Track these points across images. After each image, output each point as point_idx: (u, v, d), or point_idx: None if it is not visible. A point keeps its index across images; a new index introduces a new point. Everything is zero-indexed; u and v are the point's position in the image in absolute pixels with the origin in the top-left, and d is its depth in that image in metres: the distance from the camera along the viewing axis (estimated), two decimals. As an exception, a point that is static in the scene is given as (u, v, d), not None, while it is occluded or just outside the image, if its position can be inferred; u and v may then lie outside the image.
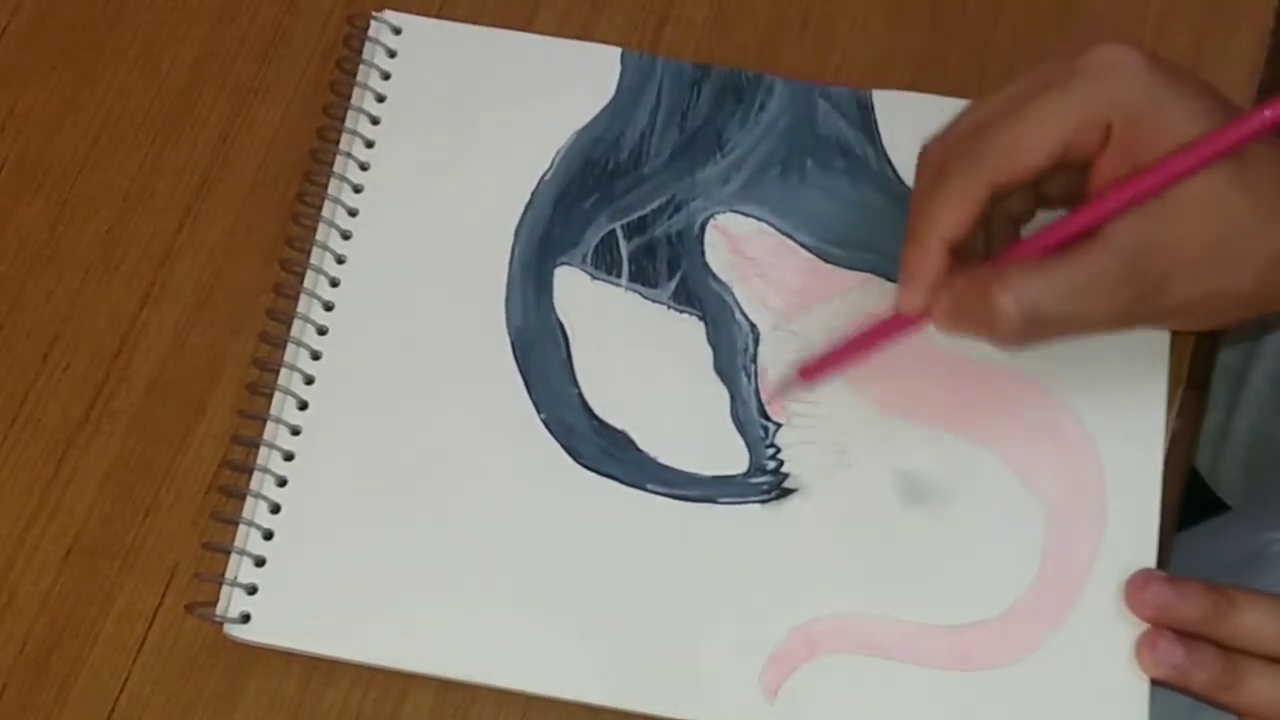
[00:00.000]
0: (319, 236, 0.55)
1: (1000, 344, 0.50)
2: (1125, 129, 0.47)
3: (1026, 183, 0.48)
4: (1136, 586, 0.50)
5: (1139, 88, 0.47)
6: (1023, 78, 0.48)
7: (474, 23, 0.59)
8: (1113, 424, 0.52)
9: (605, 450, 0.53)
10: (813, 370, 0.53)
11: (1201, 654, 0.49)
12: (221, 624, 0.51)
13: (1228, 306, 0.49)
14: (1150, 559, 0.51)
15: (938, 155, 0.49)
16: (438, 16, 0.59)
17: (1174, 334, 0.54)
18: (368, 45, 0.58)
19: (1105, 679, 0.50)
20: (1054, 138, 0.47)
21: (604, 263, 0.55)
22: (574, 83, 0.57)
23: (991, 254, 0.49)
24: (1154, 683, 0.50)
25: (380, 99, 0.58)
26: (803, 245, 0.55)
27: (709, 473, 0.53)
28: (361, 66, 0.58)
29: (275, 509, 0.52)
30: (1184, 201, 0.46)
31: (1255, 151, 0.47)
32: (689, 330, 0.55)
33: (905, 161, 0.56)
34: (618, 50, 0.58)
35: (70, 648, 0.52)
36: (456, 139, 0.57)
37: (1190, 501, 0.56)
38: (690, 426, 0.53)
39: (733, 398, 0.54)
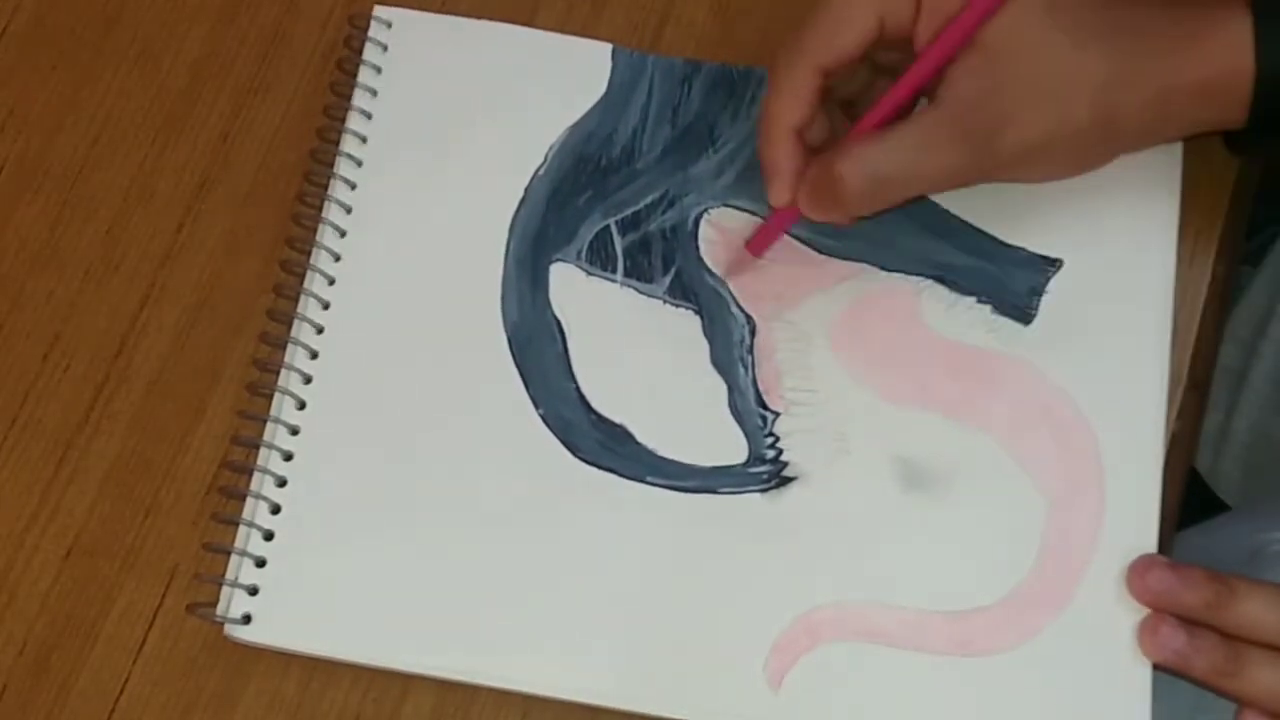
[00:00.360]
0: (317, 237, 0.56)
1: (852, 212, 0.51)
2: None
3: (852, 62, 0.51)
4: (1138, 572, 0.50)
5: None
6: None
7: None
8: (1112, 411, 0.52)
9: (604, 444, 0.53)
10: (758, 243, 0.55)
11: (1203, 641, 0.49)
12: (222, 625, 0.51)
13: (1071, 148, 0.51)
14: (1150, 546, 0.51)
15: (773, 55, 0.52)
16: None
17: (1174, 331, 0.54)
18: (368, 46, 0.58)
19: (1106, 665, 0.50)
20: (862, 16, 0.50)
21: (599, 258, 0.56)
22: (566, 78, 0.58)
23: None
24: (1155, 668, 0.50)
25: (375, 94, 0.58)
26: (796, 237, 0.56)
27: (708, 464, 0.53)
28: (362, 67, 0.58)
29: (275, 509, 0.52)
30: (1003, 49, 0.50)
31: None
32: (685, 324, 0.55)
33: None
34: (609, 46, 0.58)
35: (70, 648, 0.52)
36: (450, 137, 0.57)
37: (1190, 501, 0.56)
38: (688, 418, 0.53)
39: (730, 389, 0.54)
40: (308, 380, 0.54)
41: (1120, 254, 0.55)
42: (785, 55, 0.51)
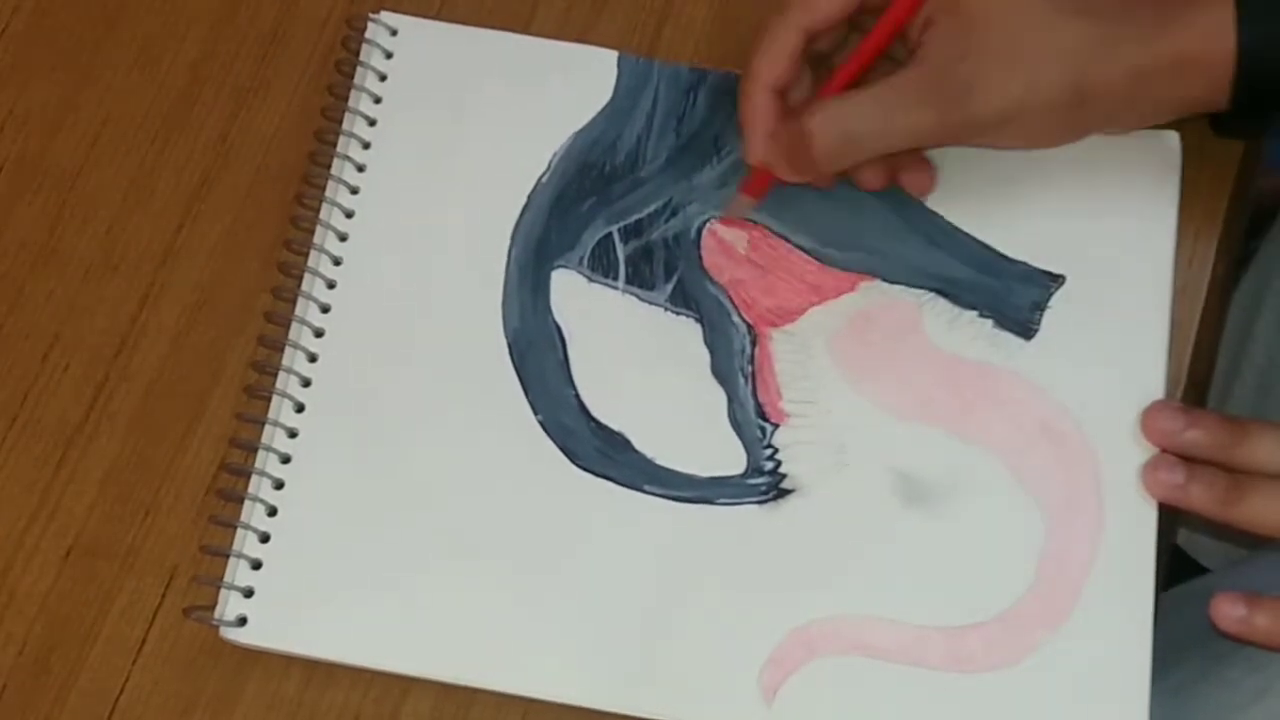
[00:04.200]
0: (316, 239, 0.55)
1: (822, 169, 0.52)
2: None
3: (838, 24, 0.52)
4: (1151, 415, 0.51)
5: None
6: None
7: (472, 23, 0.59)
8: (1111, 427, 0.52)
9: (603, 452, 0.53)
10: (753, 186, 0.55)
11: (1204, 473, 0.50)
12: (219, 627, 0.51)
13: (1042, 117, 0.52)
14: (1148, 562, 0.51)
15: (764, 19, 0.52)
16: (436, 16, 0.59)
17: (1172, 334, 0.54)
18: (365, 48, 0.58)
19: (1103, 682, 0.50)
20: None
21: (601, 265, 0.55)
22: (571, 86, 0.57)
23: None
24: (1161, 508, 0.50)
25: (377, 101, 0.57)
26: (799, 247, 0.55)
27: (706, 474, 0.53)
28: (359, 69, 0.58)
29: (272, 512, 0.52)
30: (979, 13, 0.51)
31: None
32: (686, 332, 0.55)
33: (902, 164, 0.55)
34: (614, 54, 0.58)
35: (70, 648, 0.52)
36: (453, 141, 0.57)
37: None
38: (688, 428, 0.53)
39: (730, 399, 0.54)
40: (306, 383, 0.54)
41: (1120, 270, 0.54)
42: (771, 15, 0.52)
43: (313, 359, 0.54)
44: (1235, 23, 0.50)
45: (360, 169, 0.57)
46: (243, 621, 0.51)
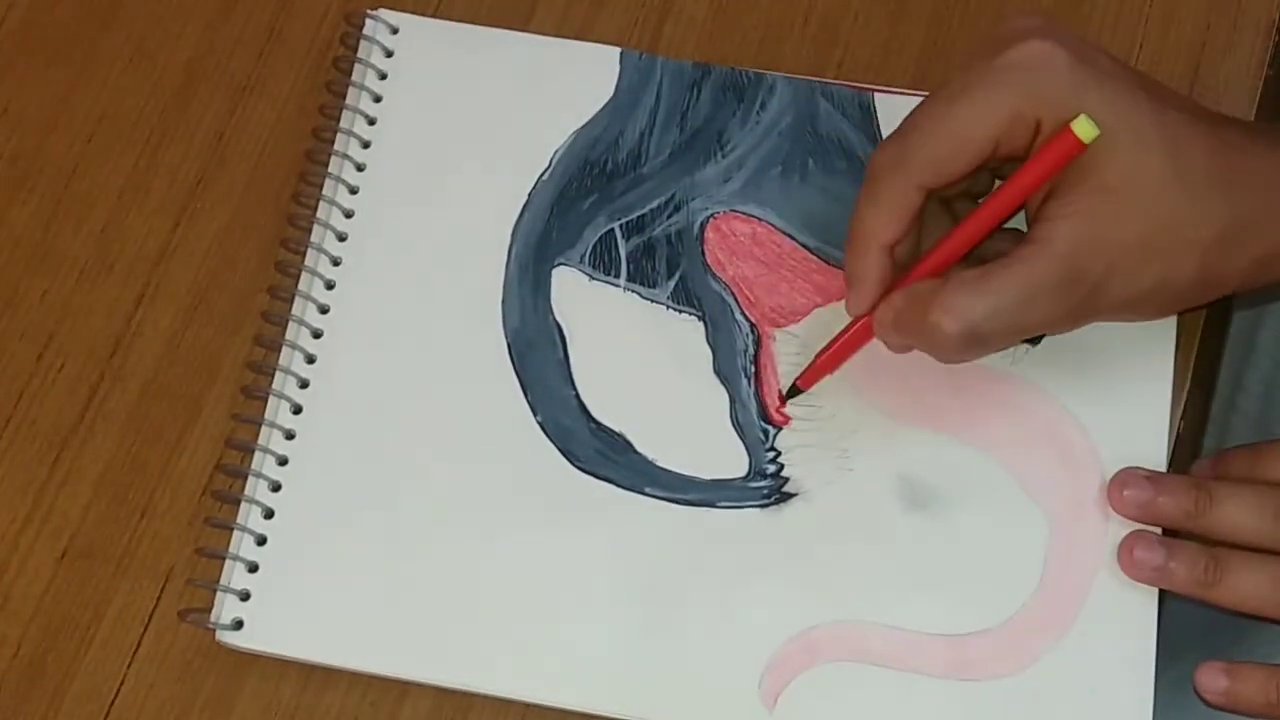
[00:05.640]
0: (314, 238, 0.55)
1: (947, 360, 0.50)
2: (1052, 125, 0.47)
3: (957, 183, 0.49)
4: (1118, 485, 0.51)
5: (1063, 83, 0.47)
6: (952, 80, 0.48)
7: (472, 19, 0.59)
8: (1116, 431, 0.52)
9: (603, 453, 0.52)
10: (808, 378, 0.53)
11: (1183, 552, 0.49)
12: (214, 630, 0.51)
13: (1174, 297, 0.49)
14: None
15: (873, 161, 0.50)
16: (435, 14, 0.59)
17: (1179, 330, 0.54)
18: (364, 44, 0.58)
19: (1107, 691, 0.49)
20: (978, 140, 0.48)
21: (602, 263, 0.55)
22: (573, 83, 0.57)
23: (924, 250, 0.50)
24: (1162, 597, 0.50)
25: (377, 99, 0.57)
26: (804, 246, 0.55)
27: (708, 476, 0.52)
28: (357, 66, 0.58)
29: (269, 514, 0.52)
30: (1117, 194, 0.47)
31: (1187, 139, 0.47)
32: (688, 331, 0.54)
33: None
34: (617, 50, 0.58)
35: (65, 651, 0.52)
36: (453, 139, 0.57)
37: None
38: (689, 429, 0.53)
39: (732, 400, 0.53)
40: (304, 385, 0.53)
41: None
42: (889, 165, 0.49)
43: (310, 360, 0.54)
44: None
45: (360, 168, 0.56)
46: (239, 625, 0.50)
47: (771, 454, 0.52)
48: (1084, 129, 0.46)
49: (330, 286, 0.55)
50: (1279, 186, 0.48)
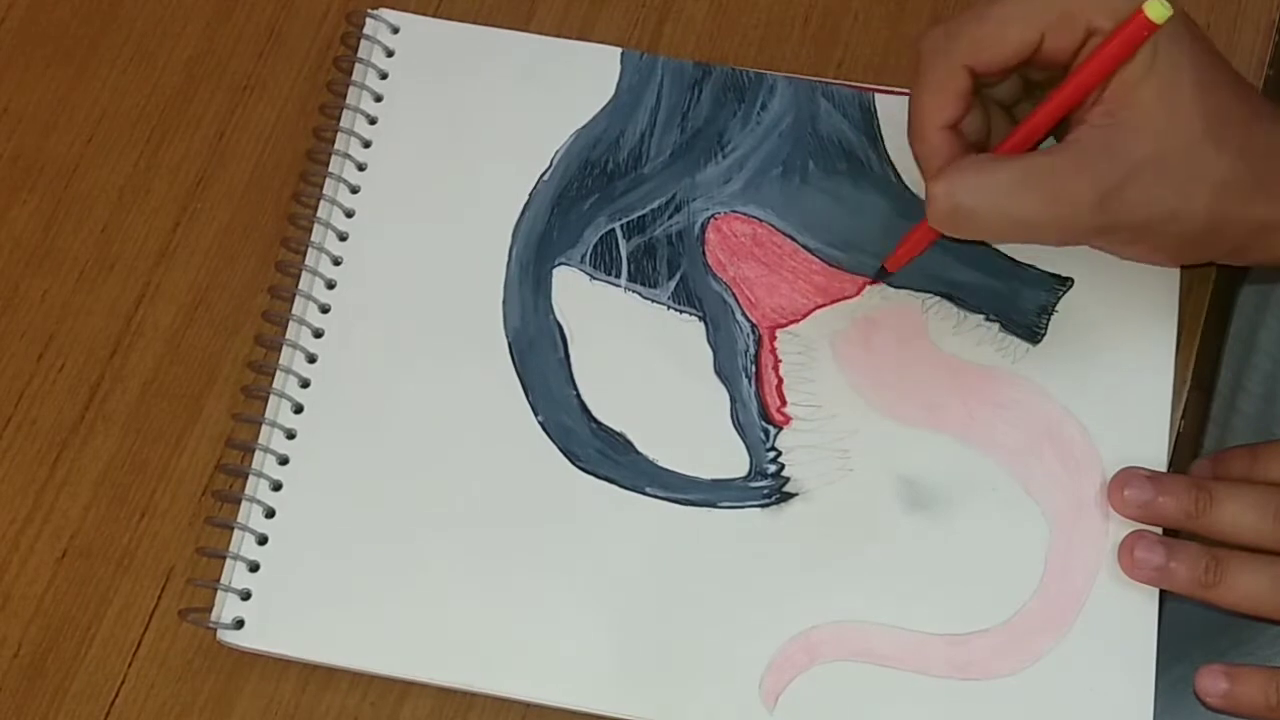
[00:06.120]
0: (315, 238, 0.55)
1: (936, 229, 0.50)
2: (1103, 27, 0.47)
3: (1003, 72, 0.49)
4: (1118, 484, 0.51)
5: None
6: None
7: (472, 19, 0.59)
8: (1116, 431, 0.52)
9: (604, 453, 0.52)
10: (895, 260, 0.53)
11: (1183, 553, 0.49)
12: (215, 630, 0.51)
13: (1181, 235, 0.49)
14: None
15: (920, 46, 0.50)
16: (435, 14, 0.59)
17: (1179, 330, 0.54)
18: (364, 44, 0.58)
19: (1108, 691, 0.49)
20: (1023, 29, 0.48)
21: (603, 263, 0.55)
22: (573, 83, 0.57)
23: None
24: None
25: (377, 98, 0.57)
26: (804, 247, 0.55)
27: (709, 476, 0.52)
28: (358, 66, 0.57)
29: (270, 514, 0.52)
30: (1137, 116, 0.47)
31: (1220, 85, 0.48)
32: (689, 331, 0.54)
33: (908, 166, 0.55)
34: (617, 50, 0.58)
35: (65, 651, 0.52)
36: (454, 139, 0.57)
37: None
38: (690, 429, 0.53)
39: (733, 400, 0.53)
40: (305, 384, 0.53)
41: (1128, 275, 0.54)
42: (934, 47, 0.49)
43: (311, 359, 0.54)
44: None
45: (361, 168, 0.56)
46: (239, 624, 0.50)
47: (772, 454, 0.52)
48: (1156, 10, 0.46)
49: (331, 286, 0.55)
50: None
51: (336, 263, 0.55)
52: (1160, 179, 0.48)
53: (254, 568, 0.51)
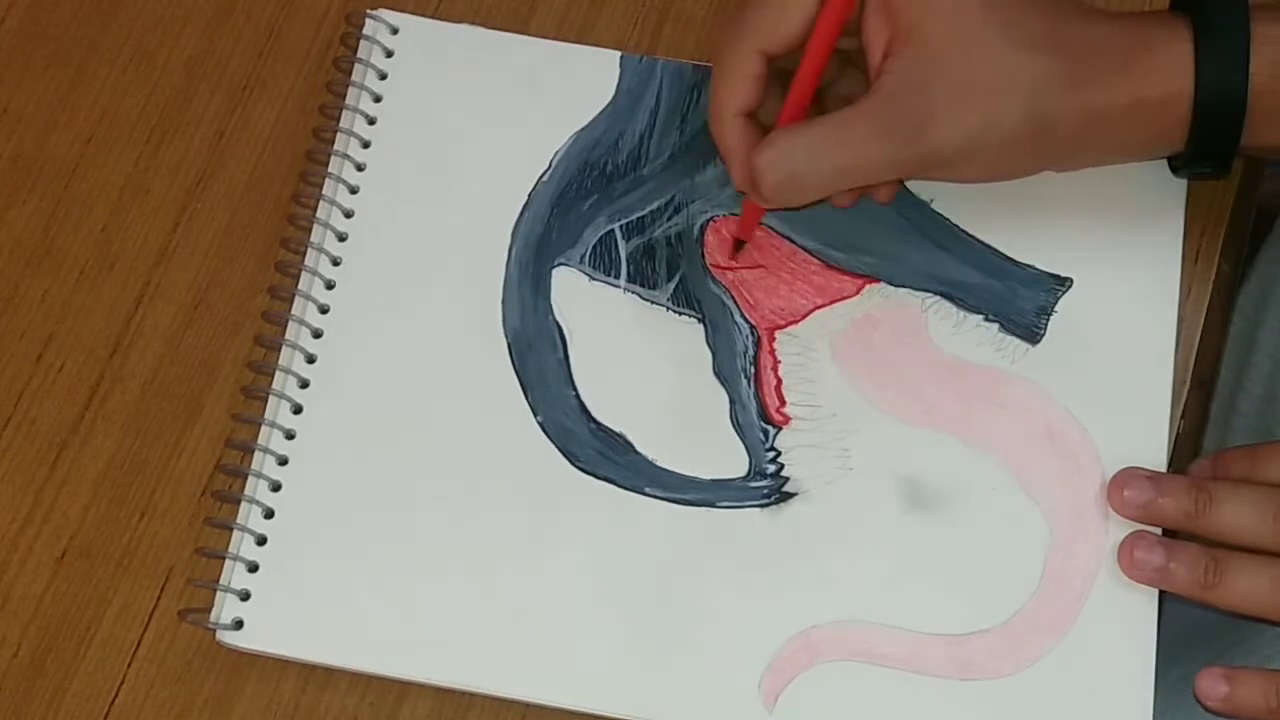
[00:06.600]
0: (314, 238, 0.55)
1: (771, 205, 0.51)
2: None
3: (796, 45, 0.50)
4: (1118, 485, 0.51)
5: None
6: None
7: (472, 20, 0.59)
8: (1116, 431, 0.52)
9: (603, 453, 0.52)
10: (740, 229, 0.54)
11: (1183, 553, 0.50)
12: (214, 631, 0.51)
13: (1004, 141, 0.50)
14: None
15: (715, 38, 0.52)
16: (435, 15, 0.59)
17: (1179, 330, 0.54)
18: (364, 45, 0.58)
19: (1108, 691, 0.49)
20: (800, 14, 0.49)
21: (602, 263, 0.55)
22: (573, 85, 0.57)
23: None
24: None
25: (377, 99, 0.57)
26: (803, 248, 0.55)
27: (708, 476, 0.52)
28: (357, 66, 0.57)
29: (269, 514, 0.52)
30: (937, 44, 0.49)
31: (1012, 4, 0.49)
32: (688, 332, 0.54)
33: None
34: (617, 54, 0.58)
35: (65, 651, 0.52)
36: (453, 139, 0.57)
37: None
38: (689, 429, 0.53)
39: (732, 400, 0.53)
40: (304, 384, 0.53)
41: (1127, 275, 0.54)
42: (726, 37, 0.50)
43: (310, 360, 0.54)
44: (1193, 64, 0.49)
45: (360, 168, 0.56)
46: (239, 624, 0.50)
47: (772, 454, 0.52)
48: None
49: (330, 286, 0.55)
50: (1107, 52, 0.49)
51: (336, 263, 0.55)
52: (968, 95, 0.49)
53: (253, 568, 0.51)
